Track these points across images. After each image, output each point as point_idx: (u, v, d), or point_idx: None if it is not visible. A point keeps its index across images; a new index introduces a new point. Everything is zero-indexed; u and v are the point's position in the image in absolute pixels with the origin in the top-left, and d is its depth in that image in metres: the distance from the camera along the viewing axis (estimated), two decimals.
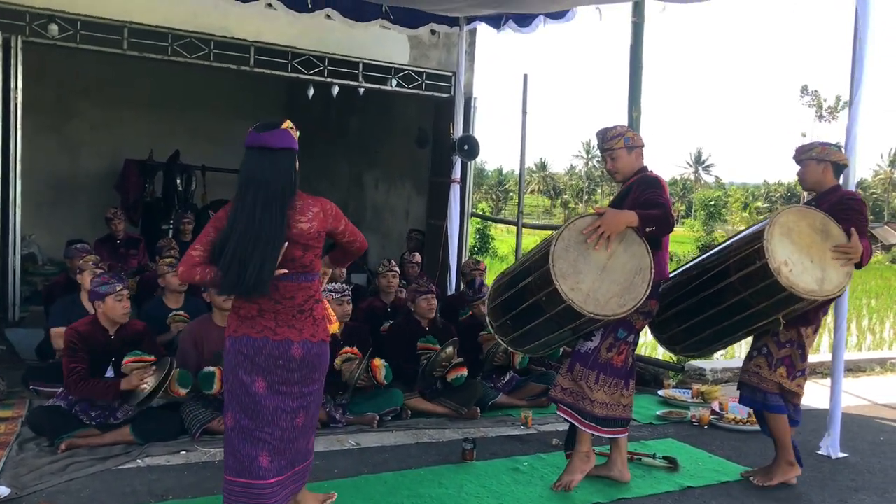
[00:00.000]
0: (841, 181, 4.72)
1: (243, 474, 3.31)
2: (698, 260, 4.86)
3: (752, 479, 4.56)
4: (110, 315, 4.76)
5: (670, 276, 4.62)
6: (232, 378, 3.36)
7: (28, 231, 10.39)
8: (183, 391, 4.80)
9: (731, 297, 4.34)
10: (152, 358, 4.77)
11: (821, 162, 4.57)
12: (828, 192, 4.55)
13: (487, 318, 4.49)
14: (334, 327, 3.79)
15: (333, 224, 3.45)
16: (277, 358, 3.30)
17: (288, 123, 3.38)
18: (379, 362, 5.33)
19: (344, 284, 5.66)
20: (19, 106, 7.14)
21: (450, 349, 5.57)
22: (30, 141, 9.24)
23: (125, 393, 4.65)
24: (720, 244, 4.85)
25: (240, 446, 3.32)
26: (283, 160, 3.31)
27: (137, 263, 8.31)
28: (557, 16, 7.47)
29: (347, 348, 5.35)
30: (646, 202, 4.10)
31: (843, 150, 4.75)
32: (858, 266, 4.32)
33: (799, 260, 4.13)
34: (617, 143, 4.34)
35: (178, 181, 11.23)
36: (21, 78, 7.16)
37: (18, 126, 7.19)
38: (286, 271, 3.30)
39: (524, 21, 7.74)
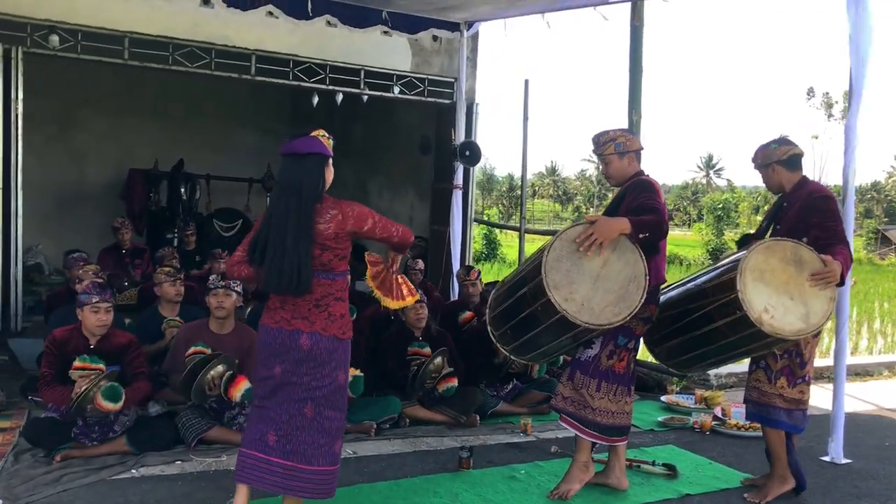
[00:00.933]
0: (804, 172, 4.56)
1: (253, 447, 3.54)
2: (683, 290, 4.60)
3: (746, 495, 4.46)
4: (86, 324, 4.72)
5: (661, 300, 4.50)
6: (261, 361, 3.62)
7: (34, 241, 10.47)
8: (110, 405, 4.50)
9: (721, 339, 4.22)
10: (100, 366, 4.63)
11: (767, 166, 4.48)
12: (794, 190, 4.41)
13: (489, 328, 4.46)
14: (410, 300, 4.16)
15: (355, 226, 3.56)
16: (288, 347, 3.51)
17: (320, 132, 3.65)
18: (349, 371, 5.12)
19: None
20: (20, 117, 7.18)
21: (438, 360, 5.52)
22: (36, 152, 9.32)
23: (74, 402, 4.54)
24: (702, 274, 4.59)
25: (256, 421, 3.60)
26: (309, 164, 3.54)
27: (142, 273, 8.32)
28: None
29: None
30: (639, 207, 4.07)
31: (787, 142, 4.53)
32: (841, 278, 4.12)
33: (779, 301, 3.96)
34: (608, 149, 4.32)
35: (183, 190, 11.24)
36: (22, 89, 7.19)
37: (19, 137, 7.22)
38: None
39: None
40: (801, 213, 4.28)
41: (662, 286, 4.39)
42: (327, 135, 3.65)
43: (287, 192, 3.50)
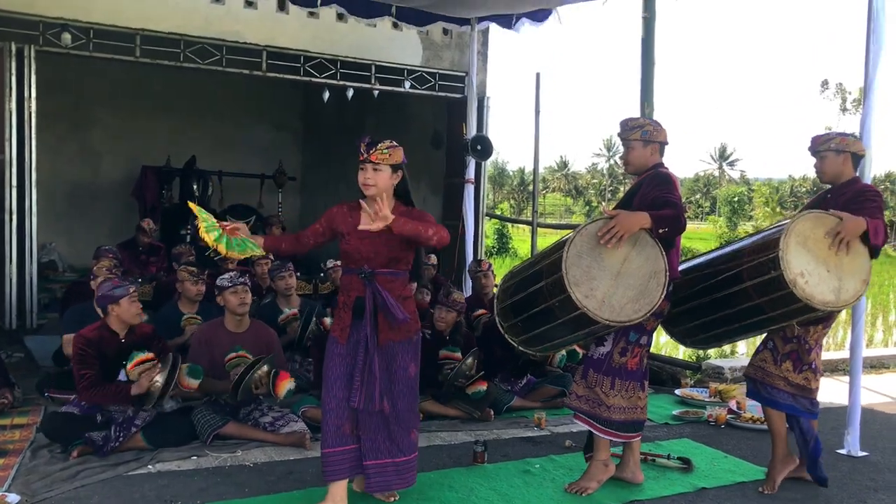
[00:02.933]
0: (858, 172, 4.62)
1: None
2: (710, 257, 4.73)
3: (760, 489, 4.46)
4: (124, 317, 4.78)
5: (682, 267, 4.55)
6: None
7: (48, 239, 10.54)
8: (194, 383, 4.77)
9: (745, 301, 4.25)
10: (152, 355, 4.75)
11: (840, 153, 4.43)
12: (845, 185, 4.42)
13: (497, 318, 4.45)
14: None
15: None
16: None
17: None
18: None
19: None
20: (34, 115, 7.22)
21: (470, 360, 5.52)
22: (49, 150, 9.36)
23: (138, 397, 4.67)
24: (734, 242, 4.72)
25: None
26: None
27: (156, 270, 8.37)
28: (538, 18, 7.77)
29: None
30: (656, 201, 4.03)
31: (859, 140, 4.63)
32: (876, 250, 4.18)
33: (815, 270, 4.02)
34: (633, 135, 4.29)
35: (195, 187, 11.29)
36: (35, 87, 7.23)
37: (33, 135, 7.26)
38: None
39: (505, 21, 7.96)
40: (848, 205, 4.26)
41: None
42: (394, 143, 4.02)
43: None
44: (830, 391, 6.57)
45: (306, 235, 4.04)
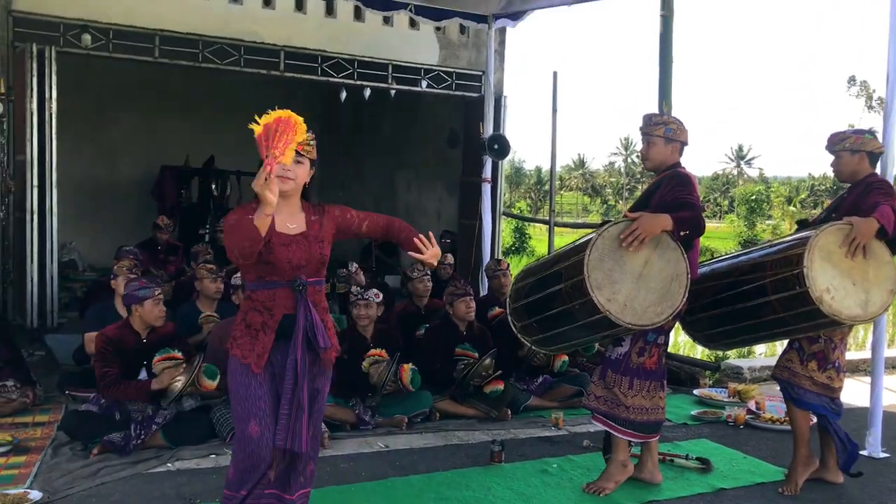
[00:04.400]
0: (878, 170, 4.57)
1: None
2: (731, 264, 4.64)
3: (780, 490, 4.43)
4: (147, 318, 4.82)
5: (702, 271, 4.52)
6: None
7: (68, 238, 10.62)
8: (212, 384, 4.79)
9: (770, 314, 4.20)
10: (180, 355, 4.81)
11: (855, 153, 4.38)
12: (858, 182, 4.37)
13: (510, 318, 4.44)
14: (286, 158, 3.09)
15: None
16: None
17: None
18: (407, 367, 5.30)
19: (361, 289, 5.61)
20: (54, 115, 7.28)
21: (489, 361, 5.53)
22: (69, 150, 9.43)
23: (156, 393, 4.70)
24: (754, 248, 4.65)
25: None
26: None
27: (175, 269, 8.42)
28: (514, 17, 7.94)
29: (375, 350, 5.33)
30: (675, 202, 4.01)
31: (877, 137, 4.58)
32: (894, 241, 4.13)
33: (841, 284, 3.96)
34: (657, 130, 4.26)
35: (214, 186, 11.37)
36: (56, 88, 7.29)
37: (54, 135, 7.32)
38: None
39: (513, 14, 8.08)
40: (859, 199, 4.23)
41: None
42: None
43: None
44: (851, 392, 6.49)
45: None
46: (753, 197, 38.13)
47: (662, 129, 4.25)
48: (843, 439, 4.39)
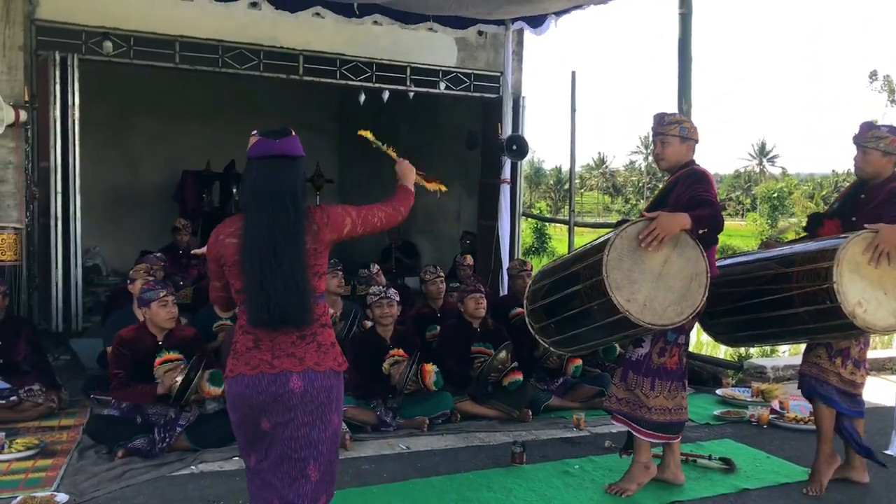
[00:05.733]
0: None
1: None
2: (750, 266, 4.49)
3: (804, 490, 4.38)
4: (154, 320, 4.87)
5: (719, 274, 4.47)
6: (237, 420, 2.90)
7: (92, 243, 10.73)
8: (216, 390, 4.77)
9: (798, 323, 4.13)
10: (178, 356, 4.82)
11: (888, 154, 4.22)
12: (880, 186, 4.24)
13: (527, 319, 4.44)
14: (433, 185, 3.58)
15: (332, 234, 2.94)
16: (276, 395, 2.80)
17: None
18: (430, 367, 5.32)
19: (382, 288, 5.63)
20: (76, 122, 7.35)
21: (503, 353, 5.54)
22: (92, 156, 9.52)
23: (164, 396, 4.74)
24: (776, 255, 4.39)
25: (254, 490, 2.92)
26: (298, 169, 2.94)
27: (197, 273, 8.48)
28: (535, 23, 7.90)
29: (394, 351, 5.35)
30: (692, 200, 3.99)
31: None
32: None
33: (872, 296, 3.87)
34: (672, 130, 4.24)
35: (235, 191, 11.43)
36: (78, 95, 7.37)
37: (77, 142, 7.40)
38: None
39: (534, 22, 8.05)
40: (881, 207, 4.11)
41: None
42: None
43: (277, 204, 2.81)
44: (877, 391, 6.43)
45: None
46: (775, 194, 37.75)
47: (677, 129, 4.24)
48: (856, 440, 4.34)
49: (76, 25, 7.42)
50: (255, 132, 2.96)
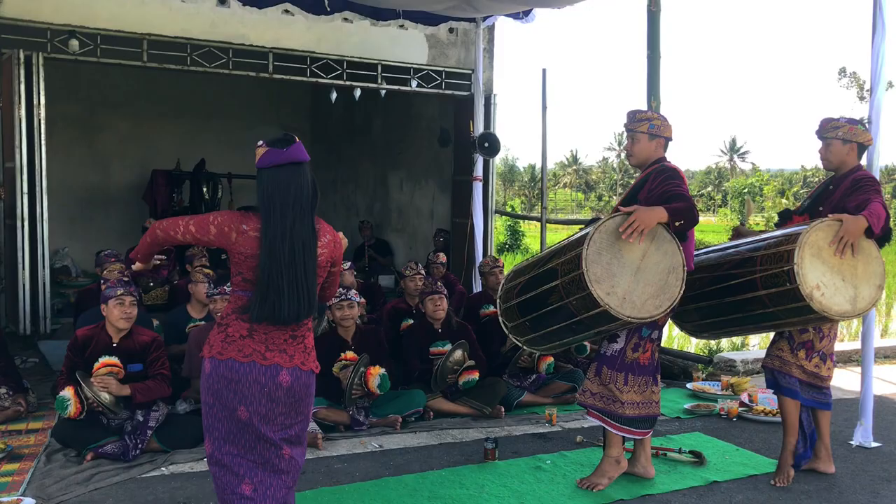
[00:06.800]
0: (864, 161, 4.58)
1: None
2: (720, 255, 4.62)
3: (772, 481, 4.45)
4: (109, 319, 4.75)
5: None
6: (213, 401, 3.02)
7: (61, 244, 10.62)
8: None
9: (760, 308, 4.23)
10: (115, 360, 4.70)
11: (847, 143, 4.38)
12: (846, 175, 4.38)
13: (501, 319, 4.45)
14: None
15: (336, 255, 3.23)
16: (263, 385, 2.98)
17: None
18: (375, 370, 5.19)
19: (343, 290, 5.53)
20: (42, 122, 7.27)
21: (458, 353, 5.53)
22: (60, 156, 9.43)
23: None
24: (745, 244, 4.57)
25: (220, 475, 3.04)
26: (308, 174, 3.08)
27: (167, 273, 8.40)
28: (517, 16, 7.80)
29: (345, 354, 5.31)
30: (665, 194, 4.03)
31: (869, 129, 4.59)
32: (886, 236, 4.16)
33: (831, 281, 3.98)
34: (641, 127, 4.29)
35: (205, 190, 11.37)
36: (44, 94, 7.28)
37: (43, 141, 7.31)
38: None
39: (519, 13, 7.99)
40: (845, 195, 4.25)
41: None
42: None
43: (295, 211, 2.99)
44: (844, 382, 6.55)
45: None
46: (746, 190, 38.12)
47: (646, 125, 4.27)
48: (807, 435, 4.43)
49: (41, 24, 7.33)
50: (261, 143, 3.11)
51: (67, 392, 4.55)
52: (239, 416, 2.99)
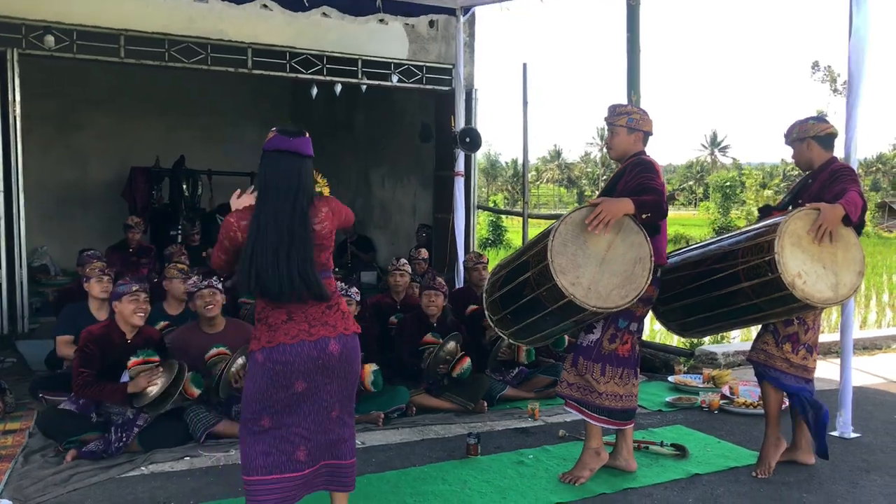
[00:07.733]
0: (842, 154, 4.61)
1: (277, 470, 3.22)
2: (701, 252, 4.67)
3: (753, 473, 4.47)
4: (123, 315, 4.78)
5: (672, 261, 4.56)
6: (268, 385, 3.19)
7: (40, 242, 10.51)
8: (197, 391, 4.86)
9: (743, 300, 4.25)
10: (157, 358, 4.78)
11: (802, 141, 4.48)
12: (821, 169, 4.43)
13: (486, 312, 4.45)
14: None
15: (340, 222, 3.41)
16: (316, 359, 3.20)
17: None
18: (368, 367, 5.20)
19: (342, 287, 5.58)
20: (18, 119, 7.18)
21: (451, 344, 5.54)
22: (37, 153, 9.32)
23: (133, 396, 4.66)
24: (726, 238, 4.65)
25: (277, 444, 3.23)
26: (308, 167, 3.31)
27: (148, 271, 8.34)
28: None
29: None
30: (638, 187, 4.05)
31: (824, 120, 4.59)
32: (860, 224, 4.20)
33: (812, 269, 4.01)
34: (619, 120, 4.31)
35: (185, 186, 11.28)
36: (19, 91, 7.19)
37: (19, 139, 7.22)
38: None
39: None
40: (824, 188, 4.28)
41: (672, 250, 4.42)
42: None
43: (286, 193, 3.18)
44: (823, 373, 6.57)
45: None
46: (728, 184, 38.29)
47: (625, 119, 4.29)
48: (817, 413, 4.45)
49: (16, 19, 7.24)
50: (273, 129, 3.30)
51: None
52: (296, 391, 3.20)
